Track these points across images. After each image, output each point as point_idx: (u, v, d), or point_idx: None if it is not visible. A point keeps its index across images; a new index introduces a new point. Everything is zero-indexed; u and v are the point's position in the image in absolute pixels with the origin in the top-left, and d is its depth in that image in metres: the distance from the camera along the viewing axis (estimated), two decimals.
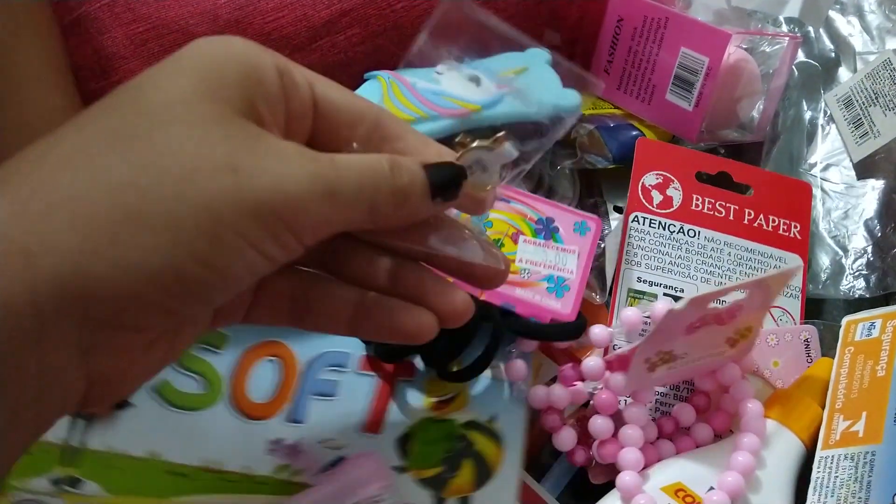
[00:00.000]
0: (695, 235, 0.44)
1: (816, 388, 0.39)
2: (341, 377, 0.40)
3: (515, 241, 0.42)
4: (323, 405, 0.39)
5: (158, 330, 0.24)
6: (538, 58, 0.45)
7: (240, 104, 0.23)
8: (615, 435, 0.38)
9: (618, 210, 0.47)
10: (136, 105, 0.23)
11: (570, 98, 0.42)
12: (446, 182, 0.26)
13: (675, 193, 0.45)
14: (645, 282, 0.43)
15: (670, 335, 0.35)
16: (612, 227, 0.46)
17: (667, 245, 0.44)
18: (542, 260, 0.41)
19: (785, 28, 0.48)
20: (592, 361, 0.39)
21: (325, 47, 0.45)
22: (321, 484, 0.36)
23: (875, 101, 0.46)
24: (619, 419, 0.38)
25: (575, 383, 0.40)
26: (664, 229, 0.44)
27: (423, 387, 0.40)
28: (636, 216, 0.44)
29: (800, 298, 0.44)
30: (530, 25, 0.46)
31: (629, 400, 0.39)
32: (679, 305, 0.34)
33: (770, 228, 0.45)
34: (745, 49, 0.47)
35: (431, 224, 0.28)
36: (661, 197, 0.45)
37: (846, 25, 0.50)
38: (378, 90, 0.42)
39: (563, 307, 0.40)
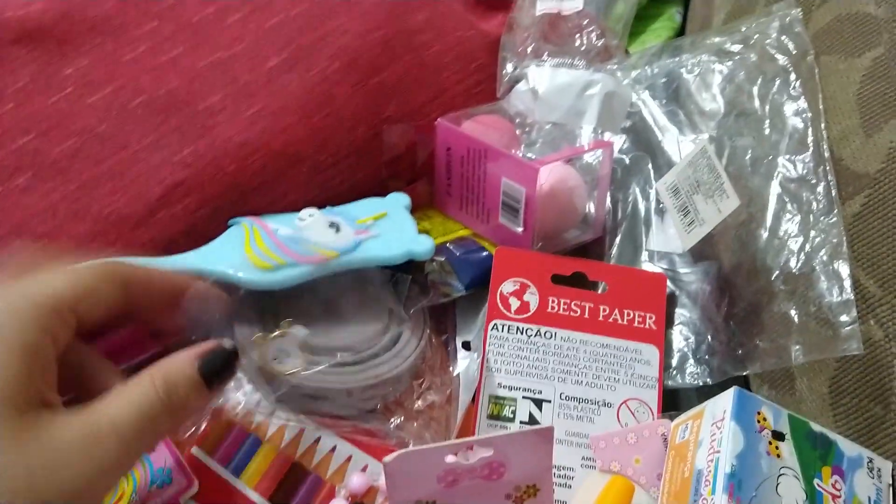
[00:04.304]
0: (551, 337, 0.47)
1: None
2: None
3: None
4: None
5: None
6: (398, 203, 0.48)
7: (25, 395, 0.27)
8: None
9: (465, 346, 0.49)
10: None
11: (423, 243, 0.45)
12: (220, 370, 0.31)
13: (532, 298, 0.47)
14: (505, 387, 0.45)
15: (405, 484, 0.35)
16: (461, 368, 0.47)
17: (525, 349, 0.46)
18: None
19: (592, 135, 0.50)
20: None
21: (164, 220, 0.47)
22: None
23: (697, 188, 0.47)
24: None
25: None
26: (522, 333, 0.46)
27: None
28: (495, 324, 0.46)
29: (657, 389, 0.46)
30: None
31: None
32: (389, 458, 0.34)
33: (625, 322, 0.47)
34: (568, 161, 0.49)
35: None
36: (518, 303, 0.47)
37: (670, 112, 0.51)
38: (240, 236, 0.44)
39: None
